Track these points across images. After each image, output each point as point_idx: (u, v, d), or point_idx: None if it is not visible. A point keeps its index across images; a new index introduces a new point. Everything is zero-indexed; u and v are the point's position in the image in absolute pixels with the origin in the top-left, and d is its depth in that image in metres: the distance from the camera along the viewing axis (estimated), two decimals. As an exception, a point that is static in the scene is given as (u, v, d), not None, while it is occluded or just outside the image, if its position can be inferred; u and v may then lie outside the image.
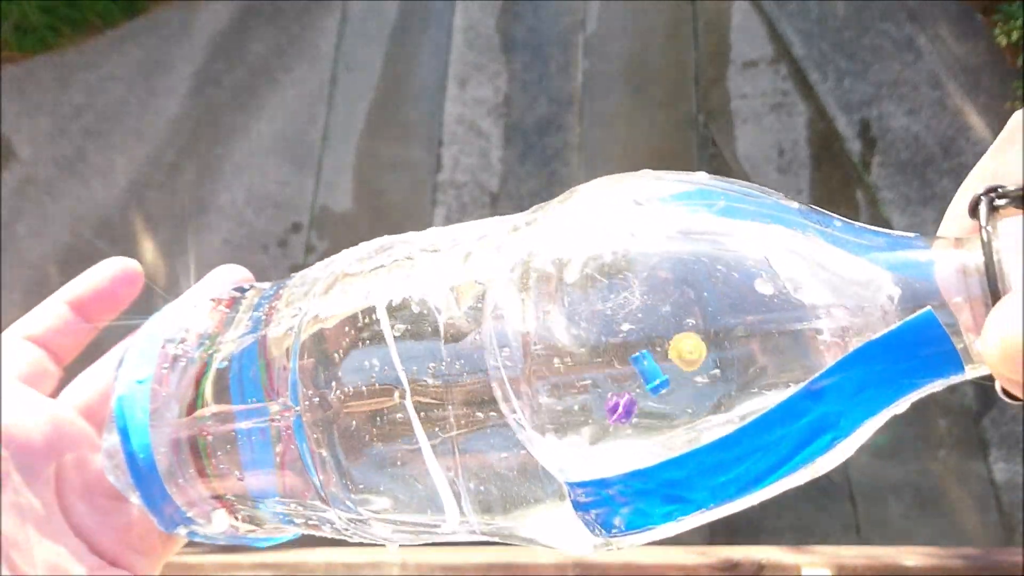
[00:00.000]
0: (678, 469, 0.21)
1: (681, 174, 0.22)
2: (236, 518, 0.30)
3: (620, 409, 0.20)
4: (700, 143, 2.16)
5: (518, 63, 2.23)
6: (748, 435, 0.20)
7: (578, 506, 0.22)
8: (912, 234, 0.20)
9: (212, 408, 0.28)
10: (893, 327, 0.19)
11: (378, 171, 2.17)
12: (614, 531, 0.22)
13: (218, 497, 0.29)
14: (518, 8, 2.28)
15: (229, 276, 0.36)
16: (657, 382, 0.20)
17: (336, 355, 0.25)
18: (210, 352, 0.29)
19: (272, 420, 0.27)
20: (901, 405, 0.20)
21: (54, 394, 0.34)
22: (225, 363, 0.29)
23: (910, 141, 2.13)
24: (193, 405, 0.29)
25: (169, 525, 0.30)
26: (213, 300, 0.32)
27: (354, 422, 0.25)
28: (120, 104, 2.30)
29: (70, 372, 0.35)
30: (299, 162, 2.16)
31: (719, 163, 2.17)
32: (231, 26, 2.38)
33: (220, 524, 0.30)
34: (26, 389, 0.33)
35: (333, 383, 0.25)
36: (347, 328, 0.25)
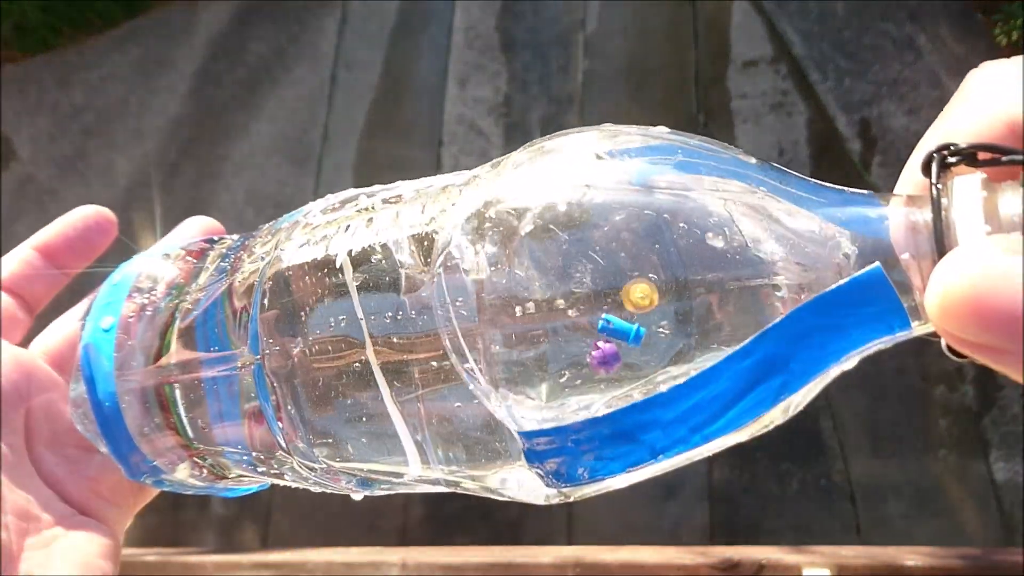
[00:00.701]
0: (632, 417, 0.21)
1: (641, 128, 0.23)
2: (202, 468, 0.30)
3: (605, 359, 0.20)
4: (700, 143, 2.16)
5: (518, 63, 2.23)
6: (703, 381, 0.20)
7: (531, 456, 0.22)
8: (867, 192, 0.20)
9: (178, 357, 0.28)
10: (842, 282, 0.19)
11: (378, 171, 2.17)
12: (567, 482, 0.22)
13: (184, 447, 0.29)
14: (518, 8, 2.28)
15: (198, 227, 0.36)
16: (634, 333, 0.20)
17: (297, 305, 0.25)
18: (177, 301, 0.29)
19: (239, 368, 0.27)
20: (851, 360, 0.20)
21: (24, 343, 0.33)
22: (191, 312, 0.29)
23: (910, 141, 2.12)
24: (159, 354, 0.29)
25: (135, 474, 0.30)
26: (182, 250, 0.31)
27: (314, 372, 0.25)
28: (120, 104, 2.30)
29: (42, 322, 0.34)
30: (299, 162, 2.16)
31: (719, 163, 2.16)
32: (231, 26, 2.38)
33: (184, 473, 0.30)
34: None
35: (293, 333, 0.25)
36: (308, 278, 0.25)
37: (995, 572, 0.81)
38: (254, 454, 0.28)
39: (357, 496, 0.28)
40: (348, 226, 0.25)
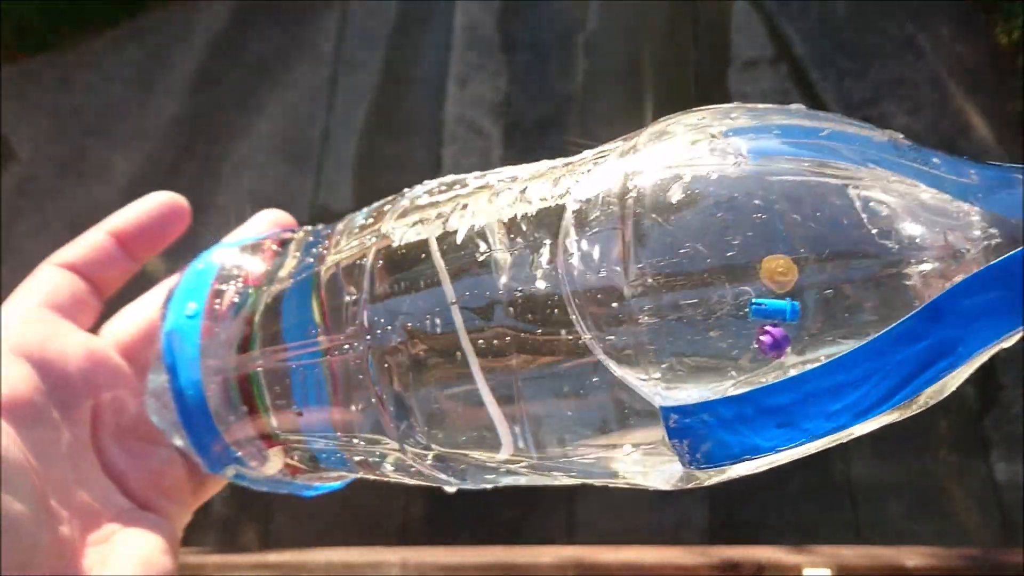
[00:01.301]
0: (790, 392, 0.20)
1: (779, 107, 0.22)
2: (285, 462, 0.29)
3: (776, 343, 0.19)
4: (700, 143, 2.15)
5: (518, 63, 2.23)
6: (864, 356, 0.19)
7: (673, 433, 0.21)
8: (1018, 166, 0.20)
9: (265, 344, 0.28)
10: (1002, 258, 0.18)
11: (378, 171, 2.17)
12: (710, 462, 0.21)
13: (268, 437, 0.28)
14: (518, 8, 2.28)
15: (269, 219, 0.35)
16: (789, 309, 0.19)
17: (411, 284, 0.24)
18: (264, 289, 0.29)
19: (329, 354, 0.26)
20: (1011, 339, 0.19)
21: (93, 331, 0.32)
22: (278, 300, 0.28)
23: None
24: (246, 342, 0.28)
25: (216, 465, 0.29)
26: (262, 240, 0.31)
27: (422, 353, 0.24)
28: (120, 104, 2.30)
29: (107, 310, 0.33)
30: (299, 162, 2.16)
31: (719, 163, 2.16)
32: (231, 26, 2.38)
33: (274, 464, 0.29)
34: (63, 321, 0.31)
35: (401, 314, 0.24)
36: (423, 256, 0.24)
37: (995, 572, 0.81)
38: (354, 442, 0.27)
39: (451, 489, 0.27)
40: (466, 204, 0.25)
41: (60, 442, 0.28)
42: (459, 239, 0.24)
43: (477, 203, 0.25)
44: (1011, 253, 0.18)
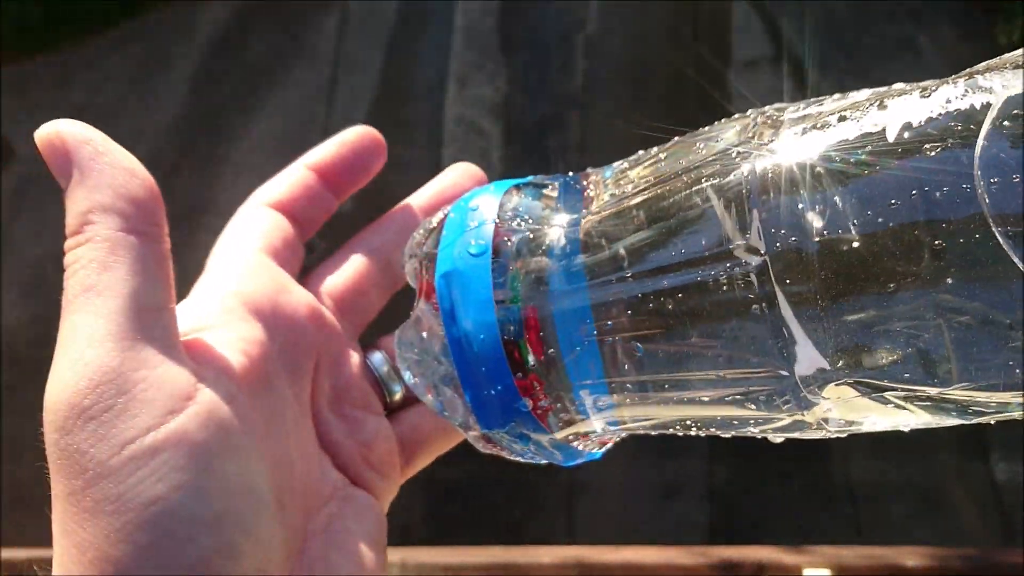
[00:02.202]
0: None
1: None
2: (574, 412, 0.25)
3: None
4: (700, 143, 2.16)
5: (518, 63, 2.23)
6: None
7: None
8: None
9: (559, 284, 0.24)
10: None
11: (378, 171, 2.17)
12: None
13: (552, 391, 0.25)
14: (518, 8, 2.28)
15: (466, 172, 0.33)
16: None
17: (830, 190, 0.21)
18: (541, 230, 0.25)
19: (710, 279, 0.22)
20: None
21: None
22: (562, 243, 0.25)
23: None
24: (535, 285, 0.24)
25: (497, 422, 0.25)
26: (519, 185, 0.28)
27: (866, 263, 0.20)
28: (120, 104, 2.30)
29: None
30: (299, 162, 2.16)
31: (719, 163, 2.16)
32: (231, 26, 2.38)
33: (570, 427, 0.25)
34: (283, 271, 0.28)
35: (815, 227, 0.20)
36: (836, 162, 0.21)
37: (995, 572, 0.81)
38: (735, 392, 0.23)
39: (778, 439, 0.24)
40: (884, 103, 0.22)
41: (286, 412, 0.25)
42: (891, 136, 0.20)
43: (894, 103, 0.22)
44: None
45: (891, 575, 0.77)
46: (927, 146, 0.20)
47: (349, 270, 0.30)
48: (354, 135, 0.32)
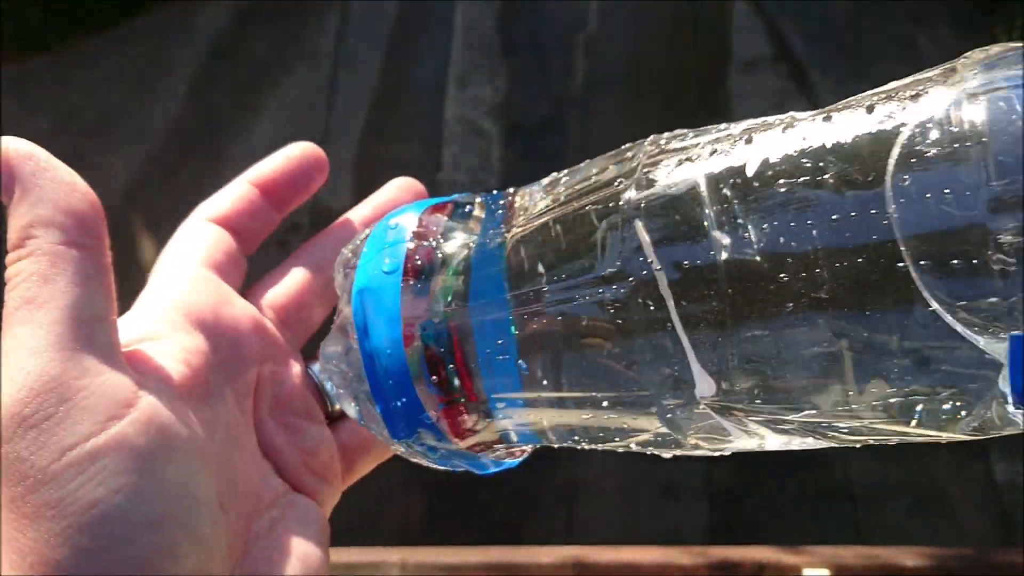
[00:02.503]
0: None
1: None
2: (479, 423, 0.27)
3: None
4: (700, 143, 2.16)
5: (518, 63, 2.23)
6: None
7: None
8: None
9: (480, 300, 0.25)
10: None
11: (378, 171, 2.17)
12: None
13: (476, 402, 0.26)
14: (518, 8, 2.28)
15: (404, 186, 0.34)
16: None
17: (676, 227, 0.22)
18: (458, 248, 0.27)
19: (581, 301, 0.23)
20: None
21: (240, 291, 0.30)
22: (468, 262, 0.26)
23: None
24: (445, 301, 0.26)
25: (403, 432, 0.27)
26: (445, 203, 0.29)
27: (731, 294, 0.21)
28: (119, 104, 2.30)
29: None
30: (299, 162, 2.16)
31: (719, 163, 2.16)
32: (231, 26, 2.38)
33: (453, 434, 0.27)
34: (224, 284, 0.29)
35: (662, 258, 0.22)
36: (699, 194, 0.22)
37: (995, 572, 0.81)
38: (607, 414, 0.24)
39: (667, 454, 0.25)
40: (750, 139, 0.22)
41: (229, 420, 0.26)
42: (750, 172, 0.21)
43: (764, 136, 0.22)
44: None
45: (890, 575, 0.77)
46: (781, 181, 0.21)
47: (291, 283, 0.31)
48: (297, 151, 0.32)
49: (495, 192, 0.30)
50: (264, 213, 0.31)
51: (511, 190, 0.29)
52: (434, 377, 0.26)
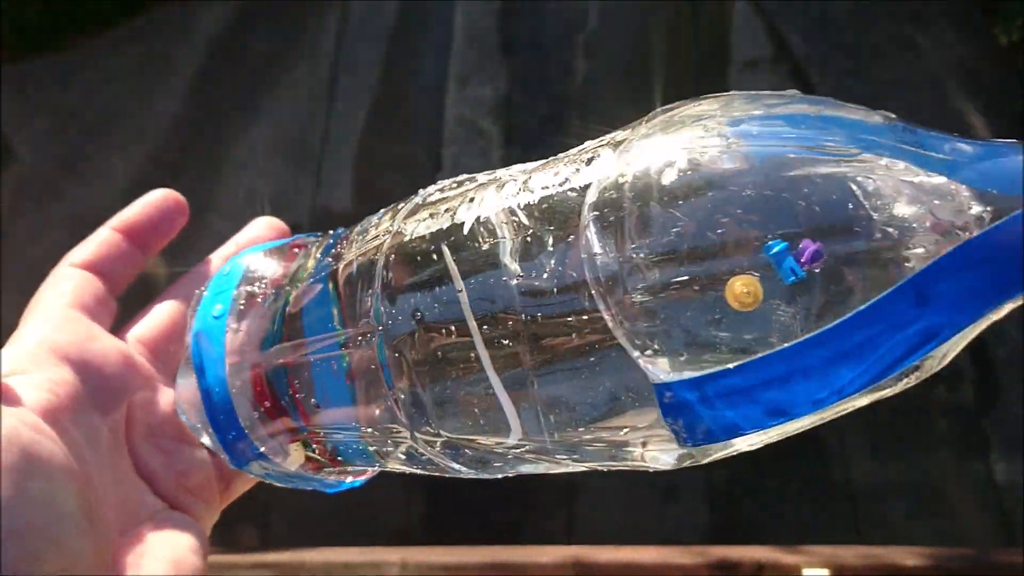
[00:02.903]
0: (777, 365, 0.20)
1: (774, 92, 0.23)
2: (312, 452, 0.30)
3: (814, 255, 0.20)
4: (700, 143, 2.16)
5: (518, 63, 2.23)
6: (847, 329, 0.19)
7: (667, 410, 0.22)
8: (1010, 141, 0.20)
9: (287, 341, 0.29)
10: (977, 234, 0.19)
11: (378, 171, 2.17)
12: (703, 439, 0.22)
13: (292, 431, 0.30)
14: (518, 8, 2.28)
15: (266, 225, 0.37)
16: (791, 270, 0.20)
17: (421, 276, 0.26)
18: (286, 290, 0.30)
19: (348, 347, 0.27)
20: (1001, 311, 0.20)
21: (112, 330, 0.33)
22: (300, 299, 0.30)
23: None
24: (269, 339, 0.30)
25: (241, 461, 0.30)
26: (286, 244, 0.33)
27: (432, 342, 0.25)
28: (120, 104, 2.30)
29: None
30: (299, 162, 2.16)
31: (719, 163, 2.17)
32: (231, 26, 2.38)
33: (295, 459, 0.30)
34: (92, 323, 0.31)
35: (416, 304, 0.26)
36: (432, 248, 0.26)
37: (995, 572, 0.81)
38: (369, 431, 0.28)
39: (469, 475, 0.28)
40: (473, 198, 0.26)
41: (99, 444, 0.28)
42: (466, 230, 0.25)
43: (484, 195, 0.26)
44: (992, 225, 0.18)
45: (890, 575, 0.77)
46: (485, 241, 0.24)
47: (161, 317, 0.34)
48: (157, 197, 0.35)
49: (339, 230, 0.32)
50: (129, 255, 0.34)
51: (345, 231, 0.32)
52: (255, 413, 0.29)
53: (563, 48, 2.20)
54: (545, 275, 0.23)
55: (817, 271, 0.20)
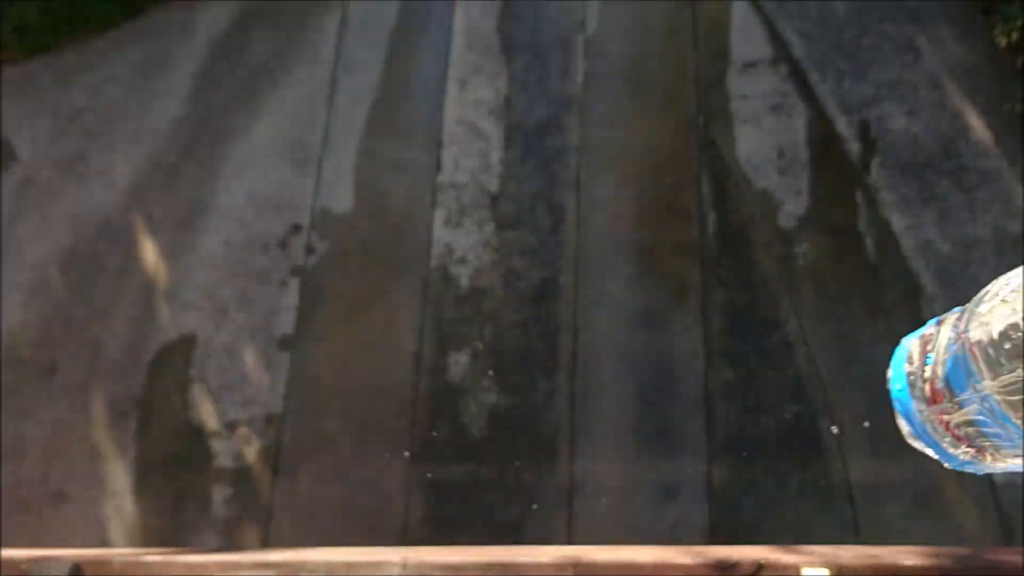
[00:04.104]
0: None
1: None
2: (979, 457, 0.54)
3: None
4: (700, 144, 2.16)
5: (518, 64, 2.23)
6: None
7: None
8: None
9: (946, 398, 0.52)
10: None
11: (378, 172, 2.17)
12: None
13: (971, 447, 0.53)
14: (518, 9, 2.29)
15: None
16: None
17: None
18: (932, 364, 0.53)
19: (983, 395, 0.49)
20: None
21: None
22: (941, 369, 0.52)
23: (909, 142, 2.12)
24: (935, 398, 0.53)
25: (955, 462, 0.55)
26: (927, 330, 0.56)
27: None
28: (120, 105, 2.30)
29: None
30: (299, 163, 2.16)
31: (718, 164, 2.17)
32: (231, 27, 2.38)
33: (968, 457, 0.54)
34: None
35: None
36: None
37: (994, 572, 0.81)
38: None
39: None
40: None
41: None
42: None
43: None
44: None
45: (890, 575, 0.77)
46: None
47: None
48: None
49: (954, 309, 0.55)
50: None
51: (955, 315, 0.55)
52: (945, 441, 0.55)
53: (563, 49, 2.20)
54: None
55: None
